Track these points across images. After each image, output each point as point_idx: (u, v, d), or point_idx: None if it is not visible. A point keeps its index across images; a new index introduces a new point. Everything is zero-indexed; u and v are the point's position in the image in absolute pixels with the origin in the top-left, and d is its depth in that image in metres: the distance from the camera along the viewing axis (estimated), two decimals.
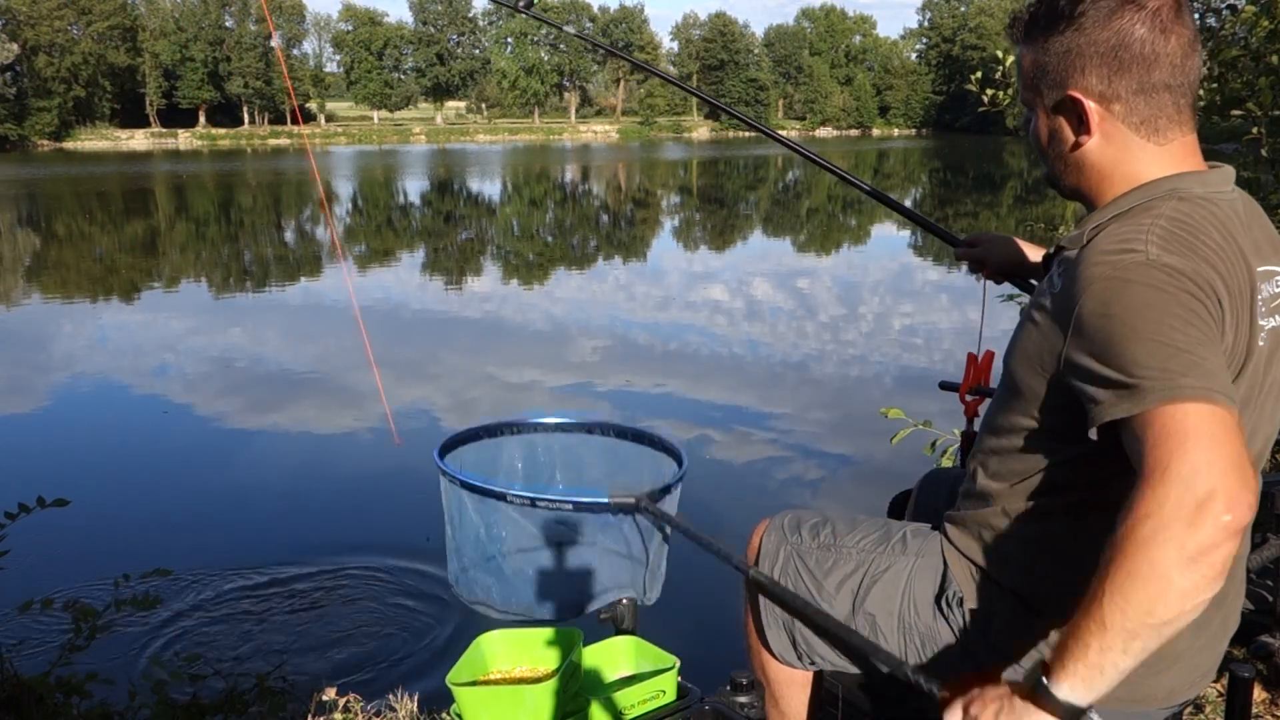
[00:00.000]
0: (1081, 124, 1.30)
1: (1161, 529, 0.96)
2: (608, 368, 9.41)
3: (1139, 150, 1.28)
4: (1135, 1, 1.24)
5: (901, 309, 12.46)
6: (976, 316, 1.98)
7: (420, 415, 7.85)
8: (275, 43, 77.74)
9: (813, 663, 1.60)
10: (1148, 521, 0.97)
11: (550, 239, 22.24)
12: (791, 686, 1.67)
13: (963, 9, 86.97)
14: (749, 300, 13.43)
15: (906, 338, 10.65)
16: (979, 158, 51.83)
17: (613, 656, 1.69)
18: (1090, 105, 1.28)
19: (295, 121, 70.91)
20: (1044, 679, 1.03)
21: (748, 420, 7.55)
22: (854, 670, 1.55)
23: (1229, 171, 1.31)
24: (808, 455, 6.79)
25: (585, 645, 1.66)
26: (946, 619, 1.46)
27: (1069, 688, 1.01)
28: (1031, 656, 1.36)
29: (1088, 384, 1.12)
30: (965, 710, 1.11)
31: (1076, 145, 1.31)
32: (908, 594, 1.49)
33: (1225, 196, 1.27)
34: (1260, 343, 1.22)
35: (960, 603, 1.43)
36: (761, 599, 1.62)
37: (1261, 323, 1.22)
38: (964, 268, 2.15)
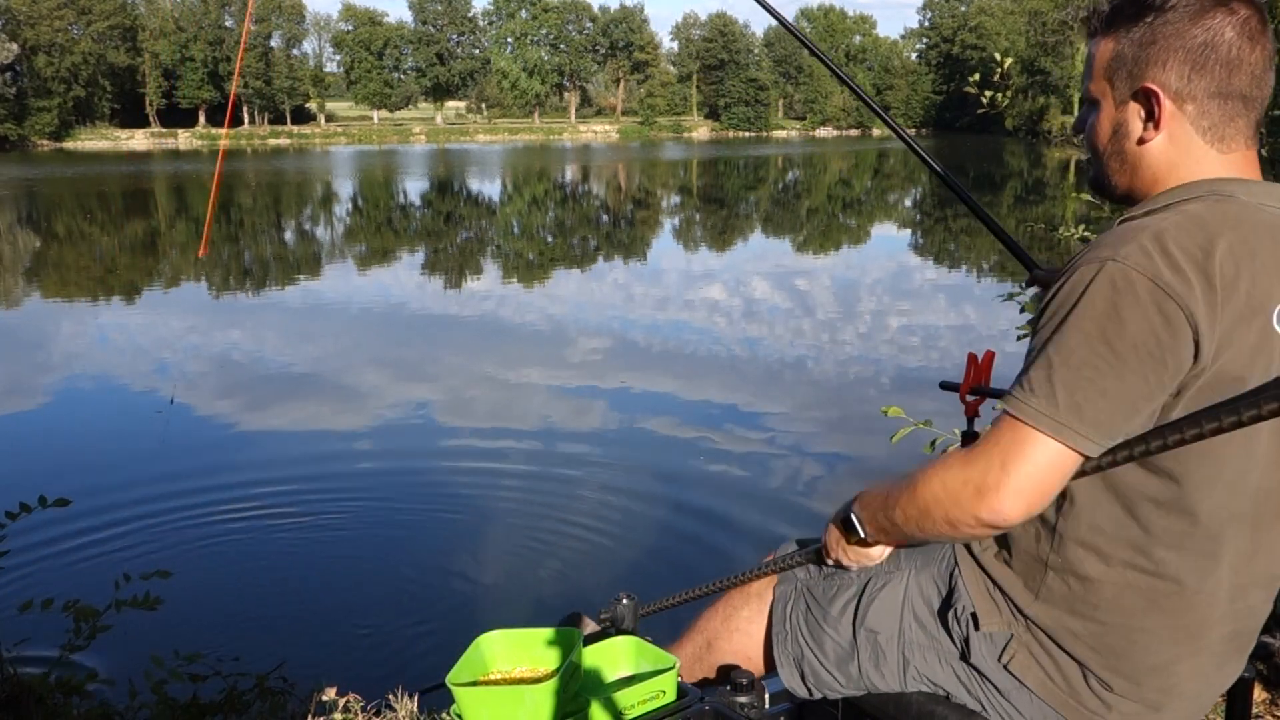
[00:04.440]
0: (1150, 119, 1.26)
1: (946, 494, 1.24)
2: (606, 368, 9.41)
3: (1201, 155, 1.25)
4: (1226, 6, 1.21)
5: (901, 309, 12.45)
6: (976, 316, 1.98)
7: (418, 414, 7.84)
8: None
9: (822, 693, 1.60)
10: (944, 479, 1.24)
11: (550, 239, 22.25)
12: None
13: (963, 9, 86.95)
14: (749, 300, 13.43)
15: (906, 338, 10.65)
16: (979, 157, 51.84)
17: (613, 656, 1.68)
18: (1165, 100, 1.24)
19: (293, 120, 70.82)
20: (853, 512, 1.44)
21: (748, 420, 7.55)
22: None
23: None
24: (808, 454, 6.79)
25: (585, 645, 1.66)
26: (950, 632, 1.43)
27: (856, 515, 1.44)
28: (1045, 685, 1.34)
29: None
30: (828, 551, 1.52)
31: (1140, 141, 1.28)
32: (908, 607, 1.48)
33: (1273, 209, 1.22)
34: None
35: (973, 620, 1.40)
36: (775, 634, 1.61)
37: None
38: (963, 268, 2.15)
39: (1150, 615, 1.27)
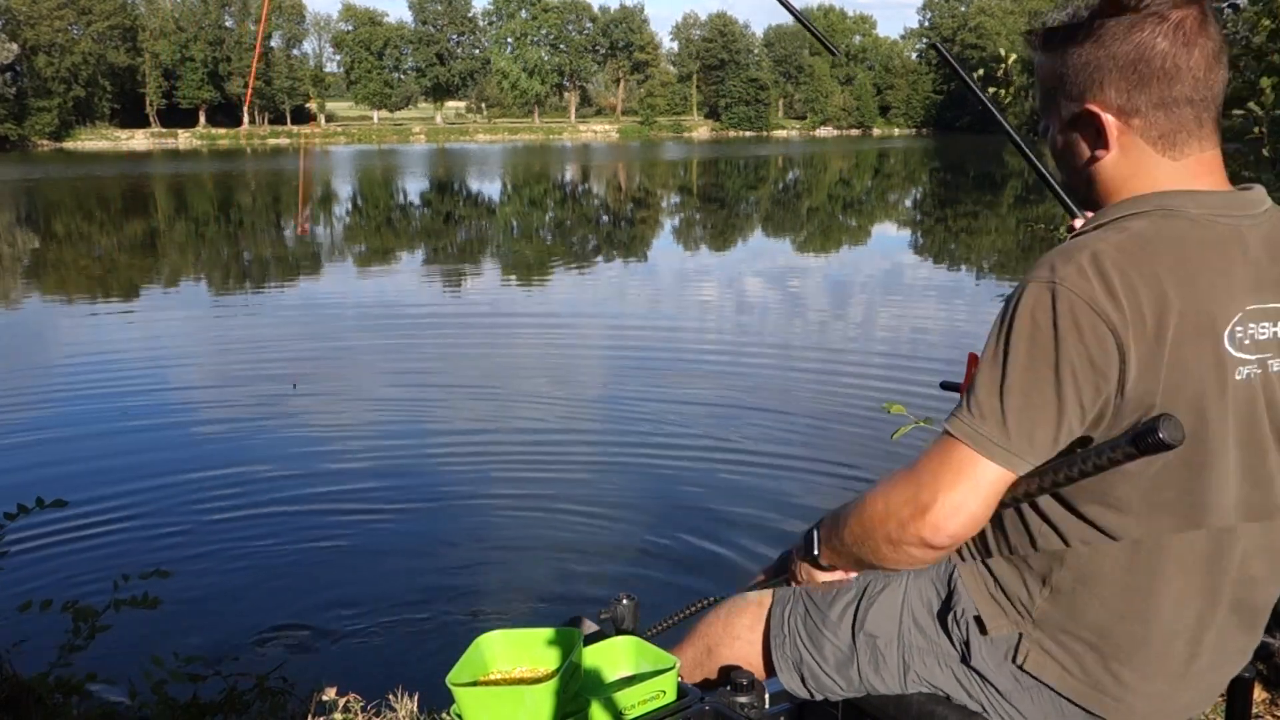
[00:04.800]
0: (1099, 138, 1.27)
1: (888, 512, 1.28)
2: (608, 368, 9.41)
3: (1153, 165, 1.26)
4: (1157, 14, 1.21)
5: (902, 308, 12.45)
6: (977, 316, 1.98)
7: (419, 414, 7.84)
8: (275, 42, 77.82)
9: (822, 696, 1.60)
10: (887, 497, 1.29)
11: (550, 239, 22.25)
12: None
13: (963, 9, 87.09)
14: (750, 300, 13.43)
15: (907, 337, 10.65)
16: (979, 157, 51.84)
17: (613, 656, 1.68)
18: (1109, 119, 1.25)
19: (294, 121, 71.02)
20: (815, 531, 1.47)
21: (749, 419, 7.55)
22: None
23: (1248, 197, 1.26)
24: (808, 453, 6.78)
25: (585, 645, 1.66)
26: (950, 635, 1.43)
27: (817, 540, 1.47)
28: (1065, 679, 1.33)
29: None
30: (798, 579, 1.55)
31: (1093, 159, 1.29)
32: (907, 610, 1.47)
33: (1227, 220, 1.22)
34: (1238, 376, 1.19)
35: (976, 623, 1.39)
36: (773, 638, 1.62)
37: (1243, 357, 1.19)
38: (963, 268, 2.15)
39: (1156, 587, 1.27)
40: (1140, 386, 1.15)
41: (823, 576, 1.50)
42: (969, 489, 1.20)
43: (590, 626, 1.85)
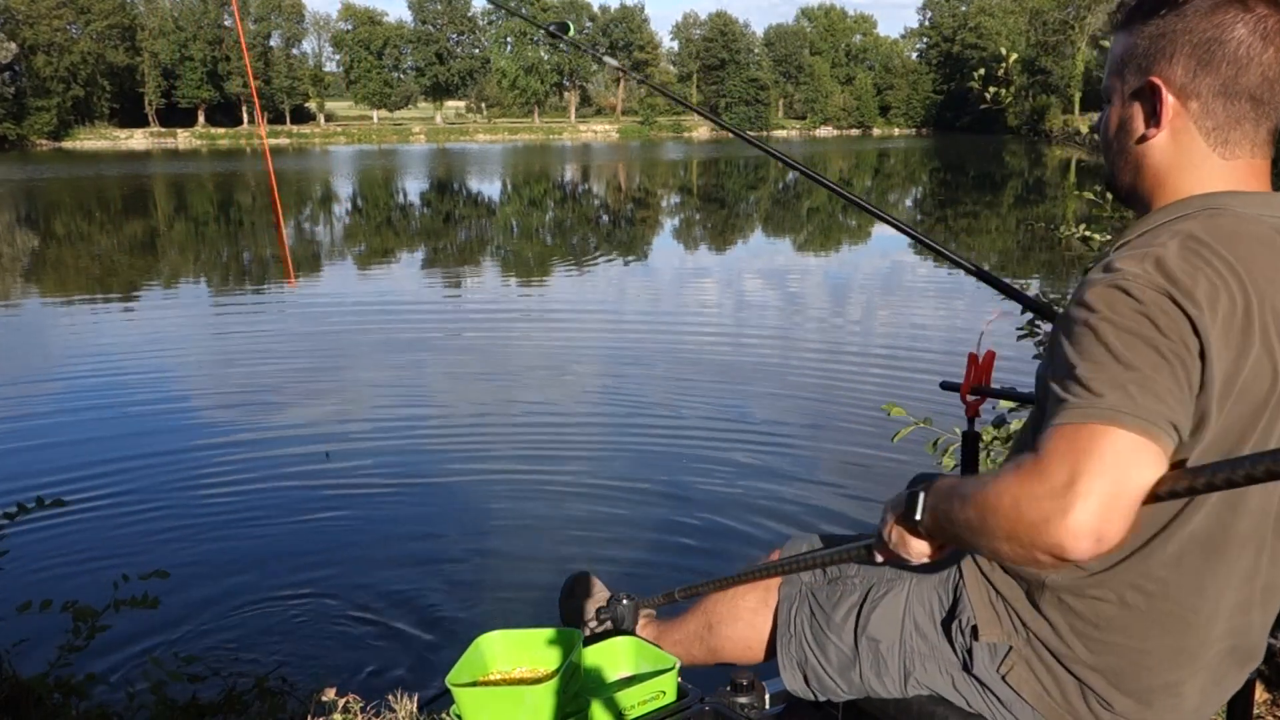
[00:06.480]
0: (1154, 115, 1.23)
1: (1018, 511, 1.04)
2: (609, 366, 9.41)
3: (1201, 159, 1.22)
4: (1242, 3, 1.18)
5: (901, 308, 12.45)
6: (976, 316, 1.98)
7: (416, 413, 7.84)
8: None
9: (825, 697, 1.61)
10: (1015, 491, 1.05)
11: (550, 239, 22.24)
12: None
13: (963, 8, 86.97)
14: (750, 300, 13.42)
15: (907, 337, 10.64)
16: (979, 157, 51.82)
17: (613, 657, 1.69)
18: (1168, 96, 1.22)
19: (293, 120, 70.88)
20: (921, 495, 1.24)
21: (749, 418, 7.55)
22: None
23: None
24: (808, 453, 6.78)
25: (585, 645, 1.65)
26: (952, 643, 1.43)
27: (923, 505, 1.24)
28: (1043, 699, 1.33)
29: (1044, 393, 1.15)
30: (885, 544, 1.32)
31: (1143, 138, 1.25)
32: (909, 616, 1.47)
33: (1272, 219, 1.18)
34: None
35: (974, 632, 1.39)
36: (780, 637, 1.62)
37: None
38: (961, 270, 2.15)
39: (1151, 637, 1.26)
40: (1221, 375, 1.09)
41: (915, 544, 1.28)
42: (1106, 474, 0.99)
43: (599, 585, 1.86)
